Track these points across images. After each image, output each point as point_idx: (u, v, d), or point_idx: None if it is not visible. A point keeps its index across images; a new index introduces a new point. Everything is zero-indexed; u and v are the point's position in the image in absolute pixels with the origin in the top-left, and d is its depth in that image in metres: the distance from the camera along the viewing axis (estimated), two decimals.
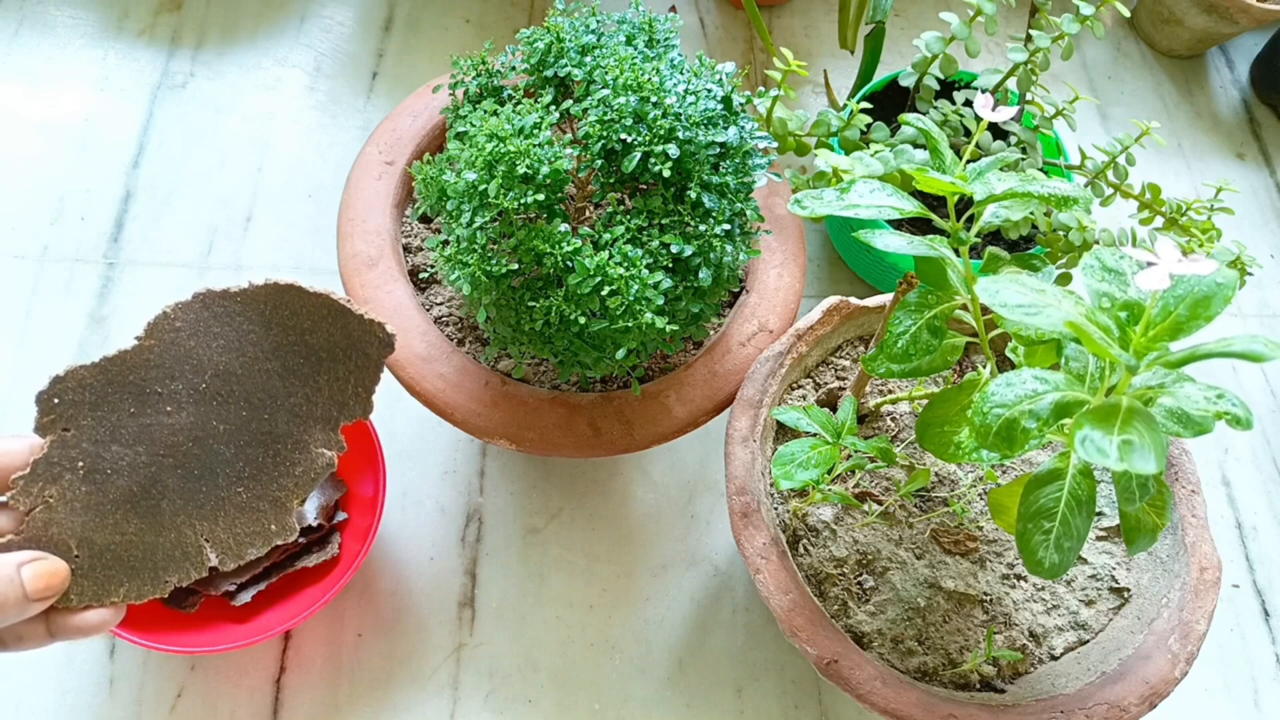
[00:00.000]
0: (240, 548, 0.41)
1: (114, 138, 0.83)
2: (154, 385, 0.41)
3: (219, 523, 0.41)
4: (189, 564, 0.41)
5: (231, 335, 0.42)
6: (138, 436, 0.40)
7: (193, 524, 0.41)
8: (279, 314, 0.42)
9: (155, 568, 0.40)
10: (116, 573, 0.40)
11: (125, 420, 0.40)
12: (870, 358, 0.48)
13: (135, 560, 0.40)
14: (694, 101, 0.51)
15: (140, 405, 0.40)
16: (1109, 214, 0.88)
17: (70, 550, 0.39)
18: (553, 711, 0.65)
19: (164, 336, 0.41)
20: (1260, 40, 1.03)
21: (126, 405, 0.40)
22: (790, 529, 0.58)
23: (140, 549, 0.40)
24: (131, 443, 0.40)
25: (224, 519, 0.41)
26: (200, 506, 0.41)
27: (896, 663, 0.55)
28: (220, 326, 0.41)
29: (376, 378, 0.44)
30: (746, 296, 0.64)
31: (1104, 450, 0.34)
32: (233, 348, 0.42)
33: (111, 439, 0.40)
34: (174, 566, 0.41)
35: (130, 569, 0.40)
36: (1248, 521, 0.78)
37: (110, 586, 0.40)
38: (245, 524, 0.42)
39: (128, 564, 0.40)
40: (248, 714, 0.63)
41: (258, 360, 0.42)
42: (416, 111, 0.67)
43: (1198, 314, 0.38)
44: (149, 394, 0.41)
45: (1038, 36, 0.69)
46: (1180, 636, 0.53)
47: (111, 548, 0.40)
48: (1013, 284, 0.38)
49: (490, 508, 0.71)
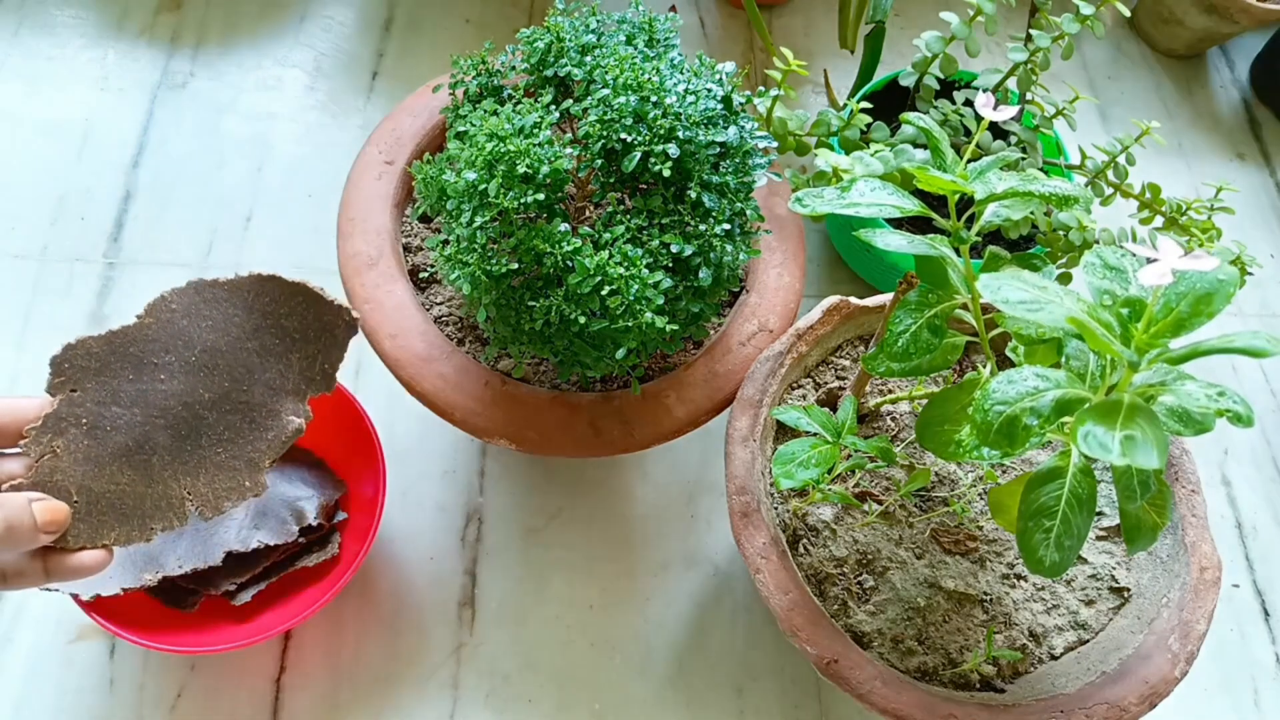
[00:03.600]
0: (218, 501, 0.47)
1: (114, 138, 0.83)
2: (151, 357, 0.46)
3: (200, 479, 0.47)
4: (172, 514, 0.46)
5: (219, 317, 0.48)
6: (135, 400, 0.46)
7: (178, 479, 0.46)
8: (260, 300, 0.48)
9: (143, 516, 0.46)
10: (109, 519, 0.45)
11: (125, 385, 0.46)
12: (870, 357, 0.48)
13: (126, 509, 0.45)
14: (694, 101, 0.51)
15: (138, 373, 0.46)
16: (1109, 214, 0.88)
17: (71, 496, 0.44)
18: (553, 711, 0.65)
19: (161, 316, 0.47)
20: (1260, 40, 1.03)
21: (126, 372, 0.46)
22: (790, 529, 0.58)
23: (131, 499, 0.45)
24: (129, 405, 0.46)
25: (204, 476, 0.47)
26: (185, 464, 0.46)
27: (896, 663, 0.55)
28: (210, 309, 0.47)
29: (341, 356, 0.49)
30: (746, 296, 0.64)
31: (1106, 445, 0.34)
32: (219, 328, 0.47)
33: (112, 401, 0.45)
34: (159, 515, 0.46)
35: (121, 516, 0.45)
36: (1248, 521, 0.78)
37: (103, 531, 0.45)
38: (223, 481, 0.47)
39: (120, 511, 0.45)
40: (248, 714, 0.63)
41: (240, 339, 0.48)
42: (416, 111, 0.67)
43: (1200, 310, 0.38)
44: (146, 364, 0.46)
45: (1038, 36, 0.69)
46: (1180, 636, 0.53)
47: (106, 496, 0.45)
48: (1014, 280, 0.38)
49: (490, 508, 0.71)
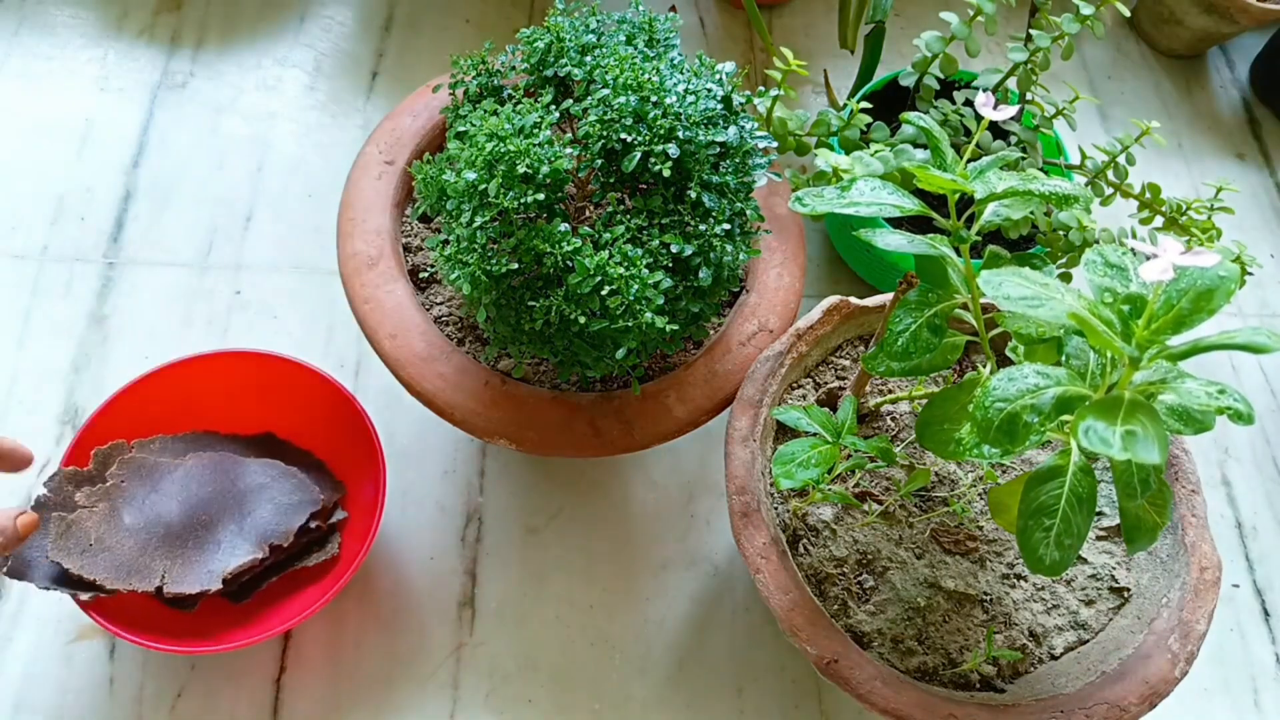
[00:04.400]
0: (177, 585, 0.59)
1: (114, 138, 0.83)
2: (167, 486, 0.63)
3: (175, 565, 0.60)
4: (146, 582, 0.58)
5: (209, 480, 0.64)
6: (155, 504, 0.62)
7: (160, 560, 0.60)
8: (227, 477, 0.65)
9: (127, 573, 0.58)
10: (104, 565, 0.58)
11: (150, 494, 0.62)
12: (870, 356, 0.48)
13: (118, 563, 0.58)
14: (694, 101, 0.51)
15: (158, 492, 0.62)
16: (1109, 214, 0.88)
17: (90, 539, 0.58)
18: (553, 711, 0.65)
19: (187, 469, 0.64)
20: (1260, 40, 1.03)
21: (151, 486, 0.62)
22: (790, 529, 0.58)
23: (126, 559, 0.59)
24: (151, 505, 0.61)
25: (177, 564, 0.60)
26: (169, 551, 0.60)
27: (896, 662, 0.55)
28: (209, 475, 0.65)
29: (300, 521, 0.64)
30: (746, 296, 0.64)
31: (1107, 440, 0.34)
32: (209, 487, 0.64)
33: (142, 498, 0.61)
34: (137, 579, 0.58)
35: (113, 567, 0.58)
36: (1248, 521, 0.78)
37: (96, 571, 0.57)
38: (187, 572, 0.60)
39: (114, 563, 0.58)
40: (248, 714, 0.63)
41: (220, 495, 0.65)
42: (416, 111, 0.67)
43: (1200, 307, 0.37)
44: (165, 488, 0.63)
45: (1038, 36, 0.69)
46: (1180, 636, 0.52)
47: (111, 550, 0.58)
48: (1015, 277, 0.38)
49: (490, 508, 0.71)
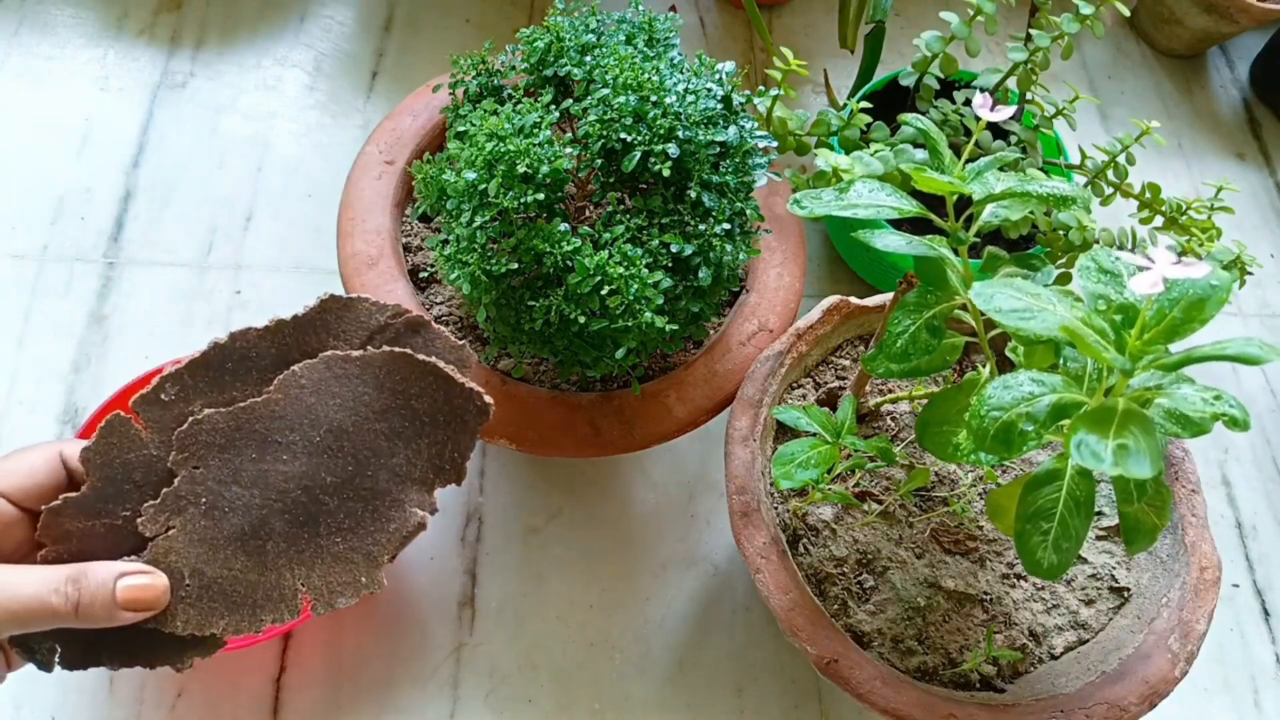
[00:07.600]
0: (332, 596, 0.44)
1: (114, 137, 0.83)
2: (276, 435, 0.44)
3: (315, 570, 0.44)
4: (284, 607, 0.43)
5: (348, 395, 0.45)
6: (255, 480, 0.44)
7: (292, 568, 0.44)
8: (391, 378, 0.45)
9: (254, 606, 0.43)
10: (219, 606, 0.43)
11: (247, 464, 0.44)
12: (870, 357, 0.48)
13: (237, 597, 0.43)
14: (694, 101, 0.51)
15: (261, 452, 0.44)
16: (1109, 213, 0.88)
17: (184, 578, 0.42)
18: (553, 711, 0.65)
19: (290, 391, 0.44)
20: (1260, 40, 1.03)
21: (250, 450, 0.44)
22: (790, 529, 0.58)
23: (243, 586, 0.43)
24: (249, 485, 0.44)
25: (320, 567, 0.44)
26: (300, 552, 0.44)
27: (896, 662, 0.55)
28: (339, 386, 0.45)
29: (472, 444, 0.46)
30: (746, 296, 0.64)
31: (1099, 455, 0.34)
32: (347, 406, 0.45)
33: (233, 480, 0.43)
34: (270, 607, 0.43)
35: (231, 604, 0.43)
36: (1248, 521, 0.78)
37: (212, 619, 0.43)
38: (339, 574, 0.44)
39: (230, 599, 0.43)
40: (248, 714, 0.63)
41: (368, 420, 0.45)
42: (416, 111, 0.67)
43: (1193, 317, 0.38)
44: (270, 442, 0.44)
45: (1038, 36, 0.69)
46: (1180, 636, 0.53)
47: (218, 582, 0.43)
48: (1007, 289, 0.38)
49: (490, 508, 0.71)
